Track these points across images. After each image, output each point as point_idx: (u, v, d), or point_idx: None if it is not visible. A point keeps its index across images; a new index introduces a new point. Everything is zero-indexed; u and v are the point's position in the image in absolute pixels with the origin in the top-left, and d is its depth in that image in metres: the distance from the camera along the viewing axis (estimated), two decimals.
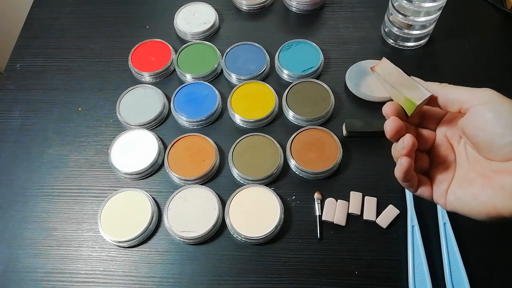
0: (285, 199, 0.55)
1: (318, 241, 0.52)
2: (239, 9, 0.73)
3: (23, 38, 0.72)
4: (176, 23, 0.69)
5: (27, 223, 0.55)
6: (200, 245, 0.53)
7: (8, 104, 0.65)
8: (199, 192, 0.55)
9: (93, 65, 0.68)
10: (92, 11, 0.74)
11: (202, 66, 0.65)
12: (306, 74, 0.63)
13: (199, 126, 0.61)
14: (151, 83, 0.65)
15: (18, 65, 0.69)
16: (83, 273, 0.52)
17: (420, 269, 0.48)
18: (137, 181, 0.58)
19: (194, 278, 0.51)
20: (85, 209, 0.56)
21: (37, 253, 0.53)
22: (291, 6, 0.72)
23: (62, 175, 0.58)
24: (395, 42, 0.66)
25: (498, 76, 0.63)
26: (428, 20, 0.62)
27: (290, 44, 0.66)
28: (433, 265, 0.49)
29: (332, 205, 0.54)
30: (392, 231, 0.52)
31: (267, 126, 0.61)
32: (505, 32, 0.68)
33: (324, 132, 0.58)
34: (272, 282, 0.50)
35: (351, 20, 0.70)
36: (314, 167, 0.55)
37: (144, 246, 0.53)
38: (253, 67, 0.64)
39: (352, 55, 0.66)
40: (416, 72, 0.63)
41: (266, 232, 0.51)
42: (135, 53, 0.67)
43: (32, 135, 0.62)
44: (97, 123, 0.62)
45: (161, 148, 0.59)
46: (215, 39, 0.69)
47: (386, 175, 0.56)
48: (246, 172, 0.55)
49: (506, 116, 0.31)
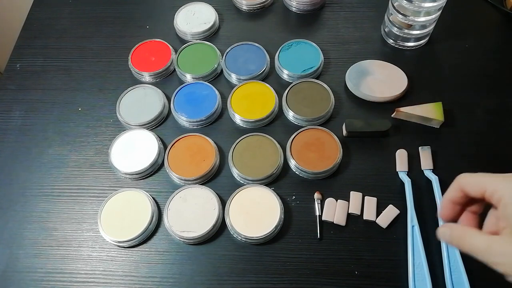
0: (285, 199, 0.55)
1: (318, 241, 0.52)
2: (239, 9, 0.73)
3: (23, 38, 0.72)
4: (176, 23, 0.69)
5: (27, 223, 0.55)
6: (200, 245, 0.53)
7: (8, 104, 0.65)
8: (199, 192, 0.55)
9: (93, 65, 0.68)
10: (92, 11, 0.74)
11: (202, 66, 0.65)
12: (306, 74, 0.63)
13: (199, 126, 0.61)
14: (151, 83, 0.65)
15: (18, 65, 0.69)
16: (83, 273, 0.52)
17: (420, 269, 0.48)
18: (137, 181, 0.58)
19: (194, 278, 0.51)
20: (85, 209, 0.56)
21: (37, 253, 0.53)
22: (291, 6, 0.72)
23: (62, 175, 0.58)
24: (395, 42, 0.66)
25: (498, 76, 0.63)
26: (428, 20, 0.62)
27: (290, 44, 0.66)
28: (433, 265, 0.49)
29: (332, 205, 0.54)
30: (392, 231, 0.52)
31: (267, 126, 0.61)
32: (505, 32, 0.68)
33: (324, 132, 0.58)
34: (272, 282, 0.50)
35: (351, 20, 0.70)
36: (314, 167, 0.55)
37: (144, 246, 0.53)
38: (253, 67, 0.64)
39: (352, 55, 0.66)
40: (416, 72, 0.64)
41: (266, 232, 0.51)
42: (135, 53, 0.67)
43: (32, 135, 0.62)
44: (97, 123, 0.62)
45: (161, 148, 0.59)
46: (215, 39, 0.69)
47: (386, 175, 0.56)
48: (246, 172, 0.55)
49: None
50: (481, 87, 0.62)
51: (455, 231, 0.37)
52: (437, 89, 0.62)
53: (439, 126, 0.59)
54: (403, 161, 0.56)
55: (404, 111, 0.58)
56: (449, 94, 0.61)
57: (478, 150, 0.57)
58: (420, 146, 0.57)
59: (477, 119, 0.60)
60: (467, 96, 0.61)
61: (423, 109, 0.58)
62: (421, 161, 0.56)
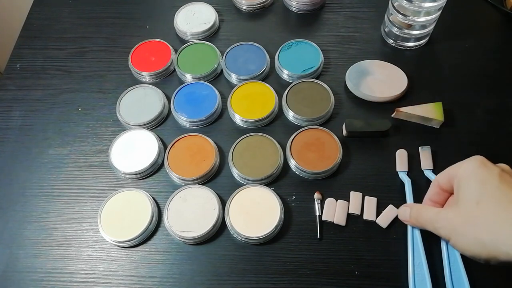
0: (285, 199, 0.55)
1: (318, 241, 0.52)
2: (239, 9, 0.73)
3: (23, 38, 0.72)
4: (176, 23, 0.69)
5: (27, 223, 0.55)
6: (200, 245, 0.53)
7: (8, 104, 0.65)
8: (199, 192, 0.55)
9: (93, 65, 0.68)
10: (92, 11, 0.74)
11: (202, 66, 0.65)
12: (306, 74, 0.63)
13: (199, 126, 0.61)
14: (151, 83, 0.65)
15: (18, 65, 0.69)
16: (83, 273, 0.52)
17: (420, 269, 0.48)
18: (137, 181, 0.58)
19: (194, 278, 0.51)
20: (85, 209, 0.56)
21: (37, 253, 0.53)
22: (291, 6, 0.72)
23: (62, 175, 0.58)
24: (395, 42, 0.66)
25: (498, 76, 0.63)
26: (428, 20, 0.62)
27: (290, 44, 0.66)
28: (433, 265, 0.49)
29: (332, 205, 0.54)
30: (392, 231, 0.52)
31: (267, 126, 0.61)
32: (505, 32, 0.68)
33: (324, 132, 0.58)
34: (272, 282, 0.50)
35: (351, 20, 0.70)
36: (314, 167, 0.55)
37: (144, 246, 0.53)
38: (253, 67, 0.64)
39: (352, 55, 0.66)
40: (416, 72, 0.64)
41: (266, 232, 0.51)
42: (135, 53, 0.67)
43: (32, 135, 0.62)
44: (97, 123, 0.62)
45: (161, 148, 0.59)
46: (215, 39, 0.69)
47: (386, 175, 0.56)
48: (246, 172, 0.55)
49: None
50: (481, 87, 0.62)
51: (414, 208, 0.45)
52: (437, 89, 0.62)
53: (439, 126, 0.59)
54: (403, 161, 0.56)
55: (404, 111, 0.58)
56: (449, 94, 0.61)
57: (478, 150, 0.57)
58: (420, 146, 0.57)
59: (477, 119, 0.60)
60: (467, 96, 0.61)
61: (423, 109, 0.58)
62: (421, 161, 0.56)
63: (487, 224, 0.34)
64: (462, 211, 0.36)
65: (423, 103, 0.59)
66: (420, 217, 0.43)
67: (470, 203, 0.36)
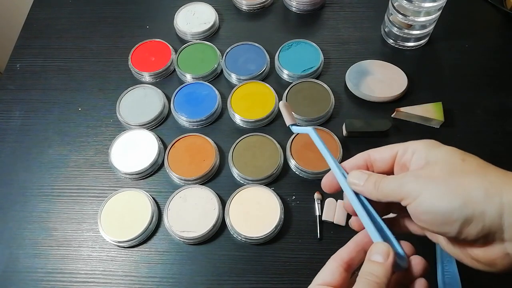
0: (285, 199, 0.55)
1: (318, 241, 0.52)
2: (239, 9, 0.73)
3: (23, 38, 0.72)
4: (176, 23, 0.69)
5: (27, 223, 0.55)
6: (200, 245, 0.53)
7: (8, 104, 0.65)
8: (199, 192, 0.55)
9: (93, 65, 0.68)
10: (92, 11, 0.74)
11: (202, 66, 0.65)
12: (306, 74, 0.63)
13: (199, 126, 0.61)
14: (151, 83, 0.65)
15: (18, 65, 0.69)
16: (83, 273, 0.52)
17: None
18: (137, 181, 0.58)
19: (194, 278, 0.51)
20: (85, 209, 0.56)
21: (37, 253, 0.53)
22: (291, 6, 0.72)
23: (62, 175, 0.58)
24: (395, 42, 0.66)
25: (498, 76, 0.63)
26: (428, 20, 0.62)
27: (290, 44, 0.66)
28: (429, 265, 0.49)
29: (332, 205, 0.54)
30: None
31: (267, 126, 0.61)
32: (505, 32, 0.68)
33: (324, 132, 0.58)
34: (272, 282, 0.50)
35: (351, 20, 0.70)
36: (314, 167, 0.55)
37: (144, 246, 0.53)
38: (253, 67, 0.64)
39: (352, 55, 0.66)
40: (416, 72, 0.64)
41: (266, 232, 0.51)
42: (135, 53, 0.67)
43: (32, 135, 0.62)
44: (97, 123, 0.62)
45: (161, 148, 0.59)
46: (215, 39, 0.69)
47: None
48: (246, 172, 0.55)
49: None
50: (481, 87, 0.62)
51: (372, 176, 0.36)
52: (437, 89, 0.62)
53: (439, 126, 0.59)
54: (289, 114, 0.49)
55: (404, 111, 0.58)
56: (449, 94, 0.61)
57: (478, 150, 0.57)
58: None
59: (477, 119, 0.60)
60: (467, 96, 0.61)
61: (423, 109, 0.58)
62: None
63: (470, 178, 0.31)
64: (439, 170, 0.32)
65: (423, 103, 0.59)
66: (381, 189, 0.35)
67: (446, 164, 0.33)
